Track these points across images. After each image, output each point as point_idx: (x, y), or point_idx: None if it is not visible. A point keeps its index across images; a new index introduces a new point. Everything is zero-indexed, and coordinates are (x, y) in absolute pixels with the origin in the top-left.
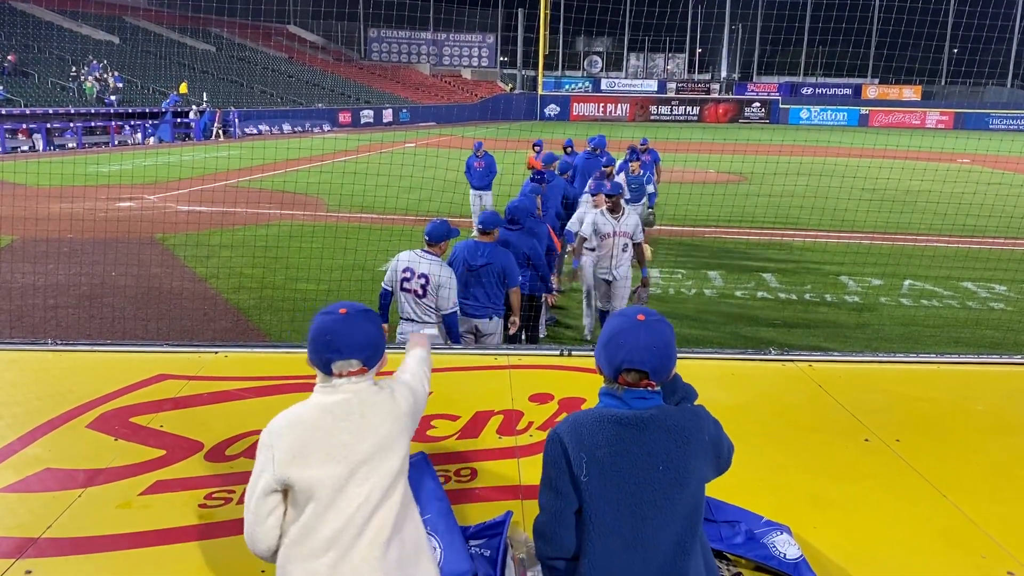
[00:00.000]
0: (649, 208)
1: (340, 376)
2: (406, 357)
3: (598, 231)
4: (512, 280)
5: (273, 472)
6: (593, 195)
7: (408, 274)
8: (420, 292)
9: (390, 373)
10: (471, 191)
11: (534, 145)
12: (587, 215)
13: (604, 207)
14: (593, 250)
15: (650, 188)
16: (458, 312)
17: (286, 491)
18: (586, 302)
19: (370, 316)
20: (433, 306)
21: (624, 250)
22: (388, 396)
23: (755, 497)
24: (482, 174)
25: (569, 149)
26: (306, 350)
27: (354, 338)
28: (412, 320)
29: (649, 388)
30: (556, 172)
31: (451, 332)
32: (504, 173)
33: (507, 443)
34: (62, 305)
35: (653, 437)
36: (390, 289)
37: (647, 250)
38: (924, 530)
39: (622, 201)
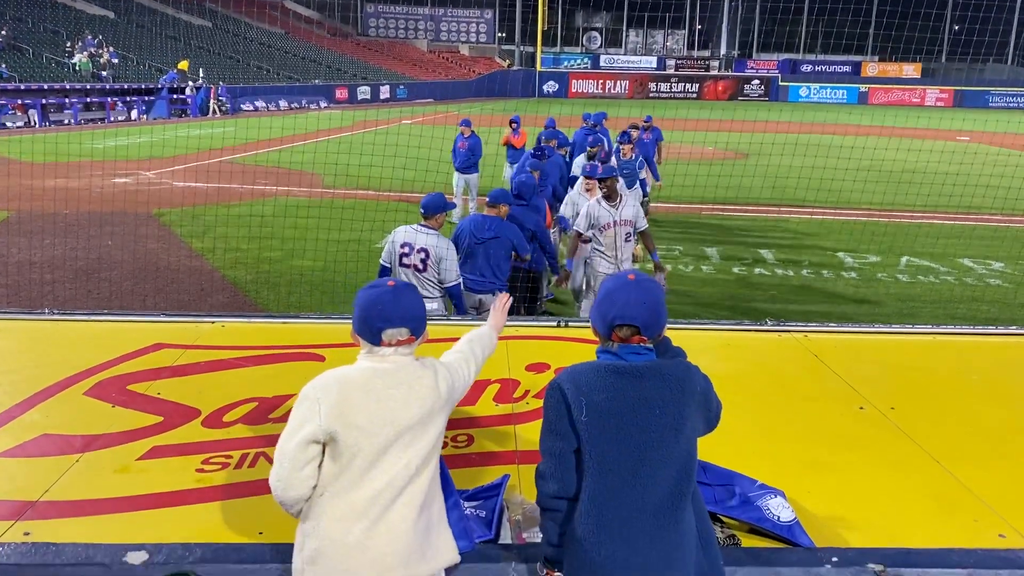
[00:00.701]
0: (644, 197)
1: (389, 345)
2: (465, 336)
3: (595, 223)
4: (523, 251)
5: (319, 423)
6: (586, 178)
7: (406, 249)
8: (420, 266)
9: (433, 342)
10: (455, 173)
11: (511, 122)
12: (581, 206)
13: (599, 195)
14: (588, 242)
15: (642, 174)
16: (462, 284)
17: (325, 444)
18: (576, 297)
19: (414, 289)
20: (434, 280)
21: (627, 240)
22: (432, 374)
23: (750, 464)
24: (465, 156)
25: (550, 128)
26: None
27: (404, 309)
28: None
29: (642, 344)
30: (554, 148)
31: (456, 303)
32: (498, 149)
33: (504, 410)
34: (59, 280)
35: (649, 384)
36: (388, 265)
37: (637, 248)
38: (918, 495)
39: (618, 187)
